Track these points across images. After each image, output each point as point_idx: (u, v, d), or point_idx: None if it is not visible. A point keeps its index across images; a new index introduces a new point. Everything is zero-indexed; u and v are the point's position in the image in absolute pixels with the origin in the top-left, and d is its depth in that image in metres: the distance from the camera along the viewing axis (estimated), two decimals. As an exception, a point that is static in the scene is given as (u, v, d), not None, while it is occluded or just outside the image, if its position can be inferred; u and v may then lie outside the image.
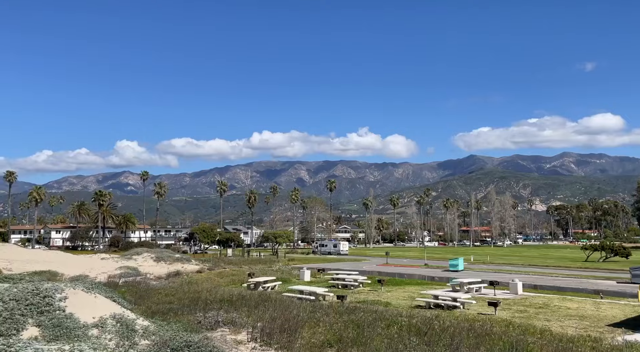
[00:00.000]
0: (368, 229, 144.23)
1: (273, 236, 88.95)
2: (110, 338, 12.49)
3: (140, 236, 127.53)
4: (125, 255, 55.98)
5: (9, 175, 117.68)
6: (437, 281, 37.22)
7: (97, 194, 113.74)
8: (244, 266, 49.93)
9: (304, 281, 35.54)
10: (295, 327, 14.30)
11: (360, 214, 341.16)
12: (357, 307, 19.76)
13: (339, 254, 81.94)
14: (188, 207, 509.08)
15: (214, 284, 32.59)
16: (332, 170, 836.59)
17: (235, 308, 19.12)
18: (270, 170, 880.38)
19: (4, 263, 40.34)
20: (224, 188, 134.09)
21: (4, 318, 13.03)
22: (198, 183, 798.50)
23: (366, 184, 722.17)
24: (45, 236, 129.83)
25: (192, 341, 12.16)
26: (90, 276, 35.44)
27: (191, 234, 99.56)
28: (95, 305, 14.75)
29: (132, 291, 25.47)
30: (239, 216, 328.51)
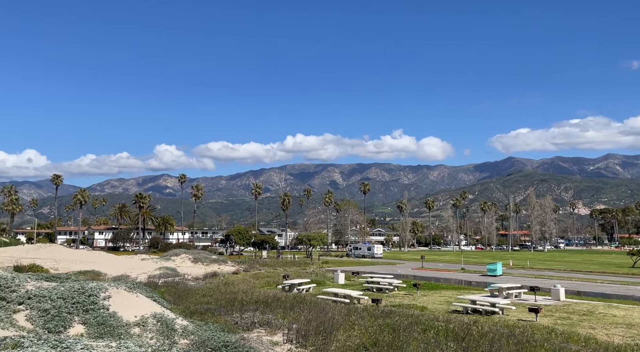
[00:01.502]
0: (402, 232, 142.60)
1: (307, 239, 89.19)
2: (152, 337, 12.86)
3: (178, 238, 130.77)
4: (164, 256, 57.51)
5: (56, 178, 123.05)
6: (474, 285, 36.41)
7: (137, 196, 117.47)
8: (279, 267, 50.36)
9: (338, 284, 35.50)
10: (331, 330, 14.31)
11: (394, 217, 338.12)
12: (392, 310, 19.56)
13: (373, 257, 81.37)
14: (224, 210, 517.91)
15: (249, 285, 33.03)
16: (366, 173, 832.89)
17: (271, 309, 19.31)
18: (303, 173, 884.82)
19: (52, 263, 42.23)
20: (258, 191, 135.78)
21: (52, 316, 13.63)
22: (233, 186, 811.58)
23: (400, 187, 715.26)
24: (89, 236, 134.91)
25: (229, 342, 12.36)
26: (132, 276, 36.57)
27: (227, 235, 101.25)
28: (136, 304, 15.22)
29: (171, 291, 26.13)
30: (273, 218, 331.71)
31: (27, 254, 51.22)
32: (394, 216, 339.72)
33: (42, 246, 66.68)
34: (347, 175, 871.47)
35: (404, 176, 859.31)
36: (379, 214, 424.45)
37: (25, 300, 14.48)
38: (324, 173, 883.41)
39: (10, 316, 12.12)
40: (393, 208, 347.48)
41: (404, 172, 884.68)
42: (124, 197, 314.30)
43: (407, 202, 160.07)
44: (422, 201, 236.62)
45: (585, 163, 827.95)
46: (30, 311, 13.75)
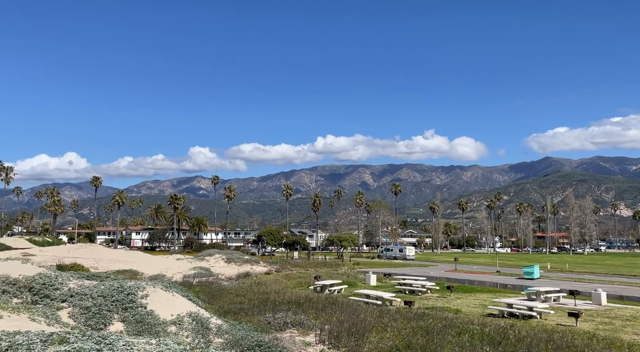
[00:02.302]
0: (435, 233, 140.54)
1: (338, 240, 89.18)
2: (187, 335, 13.15)
3: (212, 238, 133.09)
4: (199, 256, 58.65)
5: (95, 180, 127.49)
6: (510, 288, 35.51)
7: (172, 197, 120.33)
8: (310, 268, 50.50)
9: (370, 286, 35.32)
10: (363, 331, 14.26)
11: (426, 218, 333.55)
12: (425, 313, 19.32)
13: (405, 259, 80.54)
14: (255, 210, 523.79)
15: (281, 285, 33.26)
16: (397, 174, 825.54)
17: (303, 310, 19.39)
18: (334, 174, 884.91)
19: (92, 262, 43.77)
20: (289, 192, 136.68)
21: (93, 313, 14.12)
22: (265, 187, 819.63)
23: (432, 188, 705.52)
24: (127, 236, 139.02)
25: (262, 341, 12.50)
26: (167, 275, 37.46)
27: (259, 236, 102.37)
28: (173, 303, 15.58)
29: (205, 290, 26.63)
30: (304, 219, 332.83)
31: (69, 253, 53.24)
32: (426, 217, 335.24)
33: (82, 246, 69.20)
34: (377, 176, 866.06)
35: (436, 177, 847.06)
36: (411, 215, 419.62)
37: (67, 298, 15.06)
38: (355, 174, 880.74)
39: (55, 313, 12.63)
40: (425, 209, 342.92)
41: (436, 172, 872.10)
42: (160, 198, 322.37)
43: (440, 204, 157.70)
44: (455, 202, 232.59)
45: (627, 163, 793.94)
46: (72, 308, 14.29)
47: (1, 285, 15.38)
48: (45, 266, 27.03)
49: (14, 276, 16.21)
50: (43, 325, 9.27)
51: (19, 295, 15.13)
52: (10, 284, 15.58)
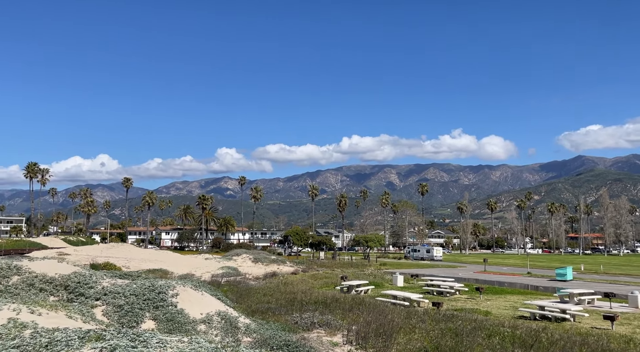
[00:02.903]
0: (463, 234, 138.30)
1: (364, 240, 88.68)
2: (216, 334, 13.33)
3: (239, 238, 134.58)
4: (226, 256, 59.38)
5: (126, 181, 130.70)
6: (541, 290, 34.62)
7: (200, 198, 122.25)
8: (336, 269, 50.44)
9: (397, 286, 35.03)
10: (391, 332, 14.17)
11: (454, 218, 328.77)
12: (454, 315, 19.04)
13: (432, 260, 79.57)
14: (281, 211, 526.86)
15: (308, 286, 33.33)
16: (424, 174, 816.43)
17: (330, 310, 19.40)
18: (359, 174, 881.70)
19: (124, 261, 44.88)
20: (315, 192, 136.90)
21: (125, 311, 14.48)
22: (290, 187, 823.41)
23: (460, 188, 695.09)
24: (157, 236, 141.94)
25: (290, 341, 12.56)
26: (196, 274, 38.06)
27: (285, 236, 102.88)
28: (202, 302, 15.83)
29: (233, 290, 26.94)
30: (330, 220, 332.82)
31: (102, 252, 54.75)
32: (454, 218, 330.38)
33: (114, 245, 71.06)
34: (404, 176, 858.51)
35: (463, 177, 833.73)
36: (438, 215, 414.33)
37: (101, 296, 15.49)
38: (380, 174, 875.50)
39: (90, 311, 13.01)
40: (453, 210, 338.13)
41: (463, 172, 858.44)
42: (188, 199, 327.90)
43: (468, 204, 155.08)
44: (484, 202, 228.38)
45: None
46: (106, 306, 14.69)
47: (39, 283, 15.95)
48: (80, 265, 27.88)
49: (51, 274, 16.78)
50: (79, 322, 9.57)
51: (55, 293, 15.65)
52: (47, 282, 16.13)
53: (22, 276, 16.24)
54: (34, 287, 15.61)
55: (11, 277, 15.97)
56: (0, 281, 15.72)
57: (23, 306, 9.59)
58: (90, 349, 4.97)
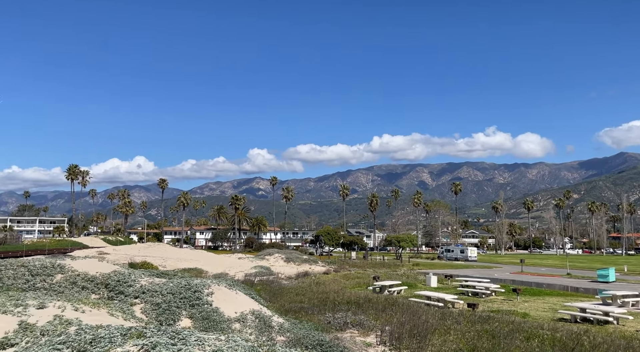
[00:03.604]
0: (498, 234, 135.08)
1: (396, 240, 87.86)
2: (251, 332, 13.49)
3: (271, 238, 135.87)
4: (259, 255, 60.06)
5: (162, 182, 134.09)
6: (582, 292, 33.43)
7: (233, 198, 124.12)
8: (368, 269, 50.22)
9: (430, 287, 34.57)
10: (425, 333, 13.99)
11: (488, 218, 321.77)
12: (490, 316, 18.63)
13: (466, 260, 78.12)
14: (312, 211, 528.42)
15: (340, 285, 33.32)
16: (457, 173, 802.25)
17: (363, 310, 19.33)
18: (391, 174, 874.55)
19: (160, 260, 46.04)
20: (346, 192, 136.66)
21: (163, 309, 14.84)
22: (321, 187, 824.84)
23: (495, 187, 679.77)
24: (191, 236, 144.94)
25: (324, 340, 12.59)
26: (230, 274, 38.64)
27: (317, 236, 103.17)
28: (236, 301, 16.06)
29: (266, 289, 27.23)
30: (361, 220, 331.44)
31: (139, 252, 56.34)
32: (489, 217, 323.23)
33: (151, 245, 73.06)
34: (436, 175, 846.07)
35: (498, 175, 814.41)
36: (472, 215, 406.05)
37: (140, 294, 15.93)
38: (412, 173, 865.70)
39: (130, 309, 13.40)
40: (487, 209, 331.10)
41: (498, 171, 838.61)
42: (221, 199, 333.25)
43: (503, 203, 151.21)
44: (520, 202, 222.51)
45: None
46: (144, 304, 15.10)
47: (81, 281, 16.56)
48: (119, 264, 28.76)
49: (92, 273, 17.39)
50: (120, 320, 9.89)
51: (96, 291, 16.21)
52: (89, 280, 16.73)
53: (65, 274, 16.90)
54: (77, 285, 16.22)
55: (55, 276, 16.64)
56: (45, 279, 16.41)
57: (67, 303, 9.98)
58: (132, 346, 5.14)
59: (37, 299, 10.13)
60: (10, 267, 16.78)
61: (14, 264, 17.25)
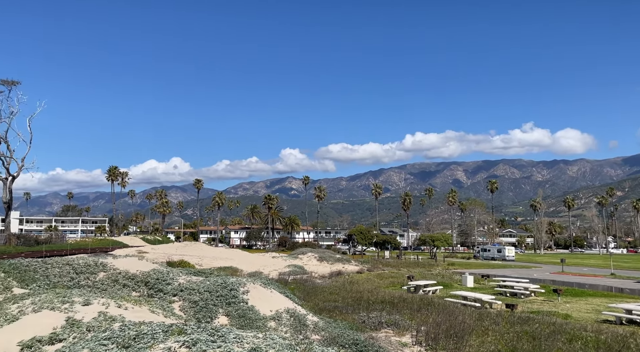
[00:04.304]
0: (537, 233, 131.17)
1: (430, 239, 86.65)
2: (286, 331, 13.60)
3: (304, 237, 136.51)
4: (292, 254, 60.47)
5: (197, 183, 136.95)
6: (627, 293, 32.07)
7: (266, 198, 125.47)
8: (402, 268, 49.78)
9: (466, 287, 33.94)
10: (462, 334, 13.75)
11: (526, 216, 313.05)
12: (530, 317, 18.14)
13: (503, 260, 76.29)
14: (345, 210, 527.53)
15: (373, 285, 33.17)
16: (493, 170, 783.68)
17: (398, 310, 19.18)
18: (424, 172, 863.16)
19: (196, 259, 47.02)
20: (378, 191, 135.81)
21: (200, 307, 15.16)
22: (353, 186, 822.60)
23: (533, 184, 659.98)
24: (226, 235, 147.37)
25: (359, 340, 12.56)
26: (264, 272, 39.07)
27: (349, 235, 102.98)
28: (271, 299, 16.22)
29: (300, 288, 27.38)
30: (394, 219, 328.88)
31: (177, 251, 57.75)
32: (526, 216, 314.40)
33: (188, 244, 74.77)
34: (471, 173, 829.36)
35: (536, 173, 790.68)
36: (509, 213, 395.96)
37: (178, 292, 16.33)
38: (446, 171, 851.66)
39: (169, 306, 13.77)
40: (525, 207, 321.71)
41: (536, 168, 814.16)
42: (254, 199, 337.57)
43: (542, 201, 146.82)
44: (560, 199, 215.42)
45: None
46: (182, 302, 15.47)
47: (122, 279, 17.13)
48: (157, 262, 29.53)
49: (132, 271, 17.96)
50: (161, 317, 10.18)
51: (137, 289, 16.73)
52: (130, 278, 17.29)
53: (107, 272, 17.53)
54: (118, 283, 16.79)
55: (98, 274, 17.28)
56: (89, 277, 17.06)
57: (111, 300, 10.35)
58: (173, 342, 5.29)
59: (83, 296, 10.54)
60: (56, 266, 17.54)
61: (59, 263, 18.01)
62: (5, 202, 50.76)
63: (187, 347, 5.07)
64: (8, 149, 48.91)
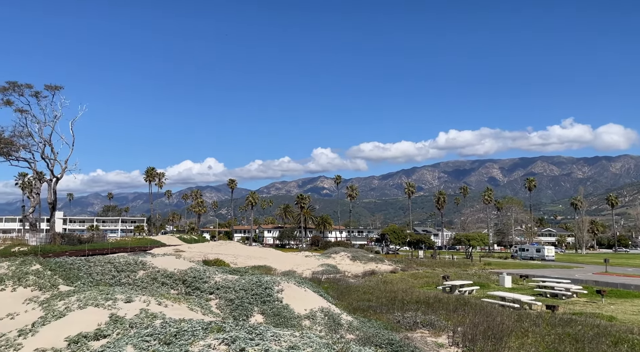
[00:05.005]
0: (578, 232, 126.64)
1: (466, 239, 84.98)
2: (320, 330, 13.64)
3: (336, 236, 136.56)
4: (325, 253, 60.56)
5: (231, 183, 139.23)
6: (678, 295, 30.53)
7: (298, 197, 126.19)
8: (437, 268, 49.08)
9: (504, 287, 33.13)
10: (501, 335, 13.44)
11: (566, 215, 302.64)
12: (572, 319, 17.53)
13: (543, 260, 74.07)
14: (377, 209, 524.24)
15: (408, 285, 32.84)
16: (530, 168, 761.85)
17: (433, 310, 18.93)
18: (458, 170, 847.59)
19: (231, 258, 47.78)
20: (411, 190, 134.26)
21: (236, 305, 15.40)
22: (386, 185, 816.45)
23: (573, 182, 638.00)
24: (259, 234, 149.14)
25: (394, 340, 12.47)
26: (297, 271, 39.29)
27: (382, 234, 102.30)
28: (305, 298, 16.30)
29: (333, 287, 27.39)
30: (428, 218, 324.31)
31: (212, 249, 58.81)
32: (567, 215, 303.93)
33: (223, 243, 76.07)
34: (507, 171, 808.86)
35: (577, 170, 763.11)
36: (548, 212, 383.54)
37: (214, 290, 16.65)
38: (481, 169, 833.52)
39: (207, 304, 14.05)
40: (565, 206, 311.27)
41: (577, 165, 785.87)
42: (287, 198, 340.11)
43: (583, 199, 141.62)
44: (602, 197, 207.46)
45: None
46: (219, 300, 15.75)
47: (160, 277, 17.60)
48: (194, 261, 30.19)
49: (170, 269, 18.41)
50: (199, 314, 10.41)
51: (175, 286, 17.15)
52: (168, 276, 17.74)
53: (146, 270, 18.04)
54: (157, 281, 17.25)
55: (138, 272, 17.81)
56: (129, 275, 17.61)
57: (151, 298, 10.65)
58: (213, 339, 5.40)
59: (125, 293, 10.90)
60: (99, 264, 18.18)
61: (101, 261, 18.67)
62: (50, 203, 53.03)
63: (226, 344, 5.17)
64: (52, 151, 51.11)
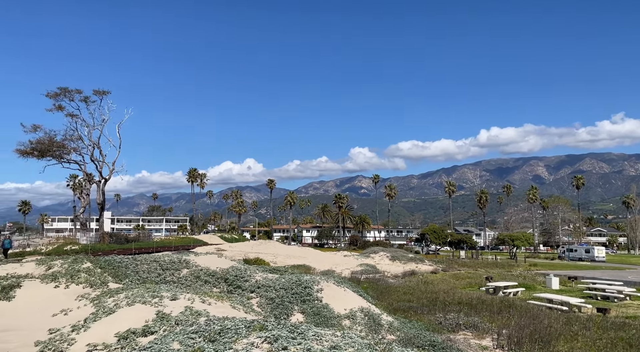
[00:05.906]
0: (631, 232, 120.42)
1: (509, 239, 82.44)
2: (361, 330, 13.59)
3: (375, 236, 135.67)
4: (364, 253, 60.30)
5: (270, 183, 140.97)
6: None
7: (336, 197, 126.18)
8: (479, 268, 47.92)
9: (551, 289, 31.94)
10: (549, 339, 12.98)
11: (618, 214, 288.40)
12: (626, 323, 16.71)
13: (592, 261, 70.92)
14: (416, 208, 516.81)
15: (449, 285, 32.22)
16: (578, 165, 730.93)
17: (476, 312, 18.50)
18: (501, 169, 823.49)
19: (271, 257, 48.38)
20: (452, 188, 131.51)
21: (276, 304, 15.57)
22: (425, 184, 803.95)
23: (625, 179, 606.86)
24: (298, 234, 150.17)
25: (436, 341, 12.27)
26: (336, 271, 39.32)
27: (422, 234, 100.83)
28: (345, 298, 16.29)
29: (372, 287, 27.24)
30: (469, 217, 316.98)
31: (252, 249, 59.71)
32: (618, 214, 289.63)
33: (262, 242, 77.05)
34: (553, 168, 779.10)
35: (629, 167, 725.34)
36: (598, 211, 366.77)
37: (255, 289, 16.91)
38: (525, 167, 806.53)
39: (248, 302, 14.29)
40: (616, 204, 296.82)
41: (629, 162, 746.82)
42: (325, 198, 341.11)
43: (636, 197, 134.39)
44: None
45: None
46: (259, 298, 15.99)
47: (203, 276, 18.04)
48: (235, 259, 30.78)
49: (213, 268, 18.84)
50: (242, 313, 10.61)
51: (217, 285, 17.54)
52: (210, 275, 18.16)
53: (190, 269, 18.54)
54: (200, 279, 17.70)
55: (182, 270, 18.33)
56: (174, 273, 18.15)
57: (195, 296, 10.94)
58: (256, 338, 5.49)
59: (170, 291, 11.24)
60: (145, 262, 18.84)
61: (147, 259, 19.33)
62: (99, 203, 55.36)
63: (269, 343, 5.24)
64: (101, 154, 53.23)
